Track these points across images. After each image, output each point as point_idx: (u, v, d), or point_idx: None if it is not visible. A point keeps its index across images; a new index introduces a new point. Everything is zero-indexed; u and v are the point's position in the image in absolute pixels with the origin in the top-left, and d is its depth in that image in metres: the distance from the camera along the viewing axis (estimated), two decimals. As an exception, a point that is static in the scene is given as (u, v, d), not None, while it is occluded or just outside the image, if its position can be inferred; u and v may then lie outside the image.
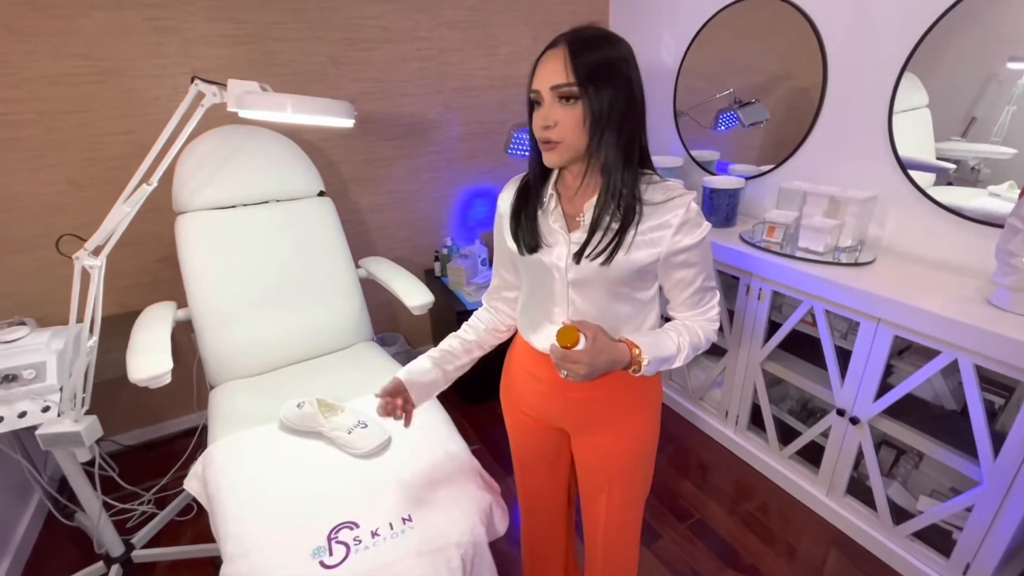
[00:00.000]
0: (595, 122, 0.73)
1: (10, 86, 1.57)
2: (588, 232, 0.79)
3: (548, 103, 0.74)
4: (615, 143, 0.75)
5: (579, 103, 0.72)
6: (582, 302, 0.84)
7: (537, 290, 0.89)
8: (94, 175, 1.71)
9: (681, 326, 0.86)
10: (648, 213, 0.78)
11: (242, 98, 1.03)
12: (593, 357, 0.74)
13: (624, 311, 0.85)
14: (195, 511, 1.74)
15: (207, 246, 1.44)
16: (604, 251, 0.78)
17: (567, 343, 0.74)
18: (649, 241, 0.78)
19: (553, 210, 0.84)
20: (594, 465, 0.98)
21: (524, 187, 0.89)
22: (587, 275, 0.81)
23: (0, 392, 1.16)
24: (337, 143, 2.05)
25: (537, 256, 0.84)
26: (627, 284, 0.82)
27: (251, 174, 1.53)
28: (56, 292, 1.72)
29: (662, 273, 0.83)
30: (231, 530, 0.94)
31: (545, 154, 0.78)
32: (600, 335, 0.77)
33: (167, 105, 1.75)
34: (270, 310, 1.49)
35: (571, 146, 0.76)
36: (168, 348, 1.20)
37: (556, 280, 0.84)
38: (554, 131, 0.74)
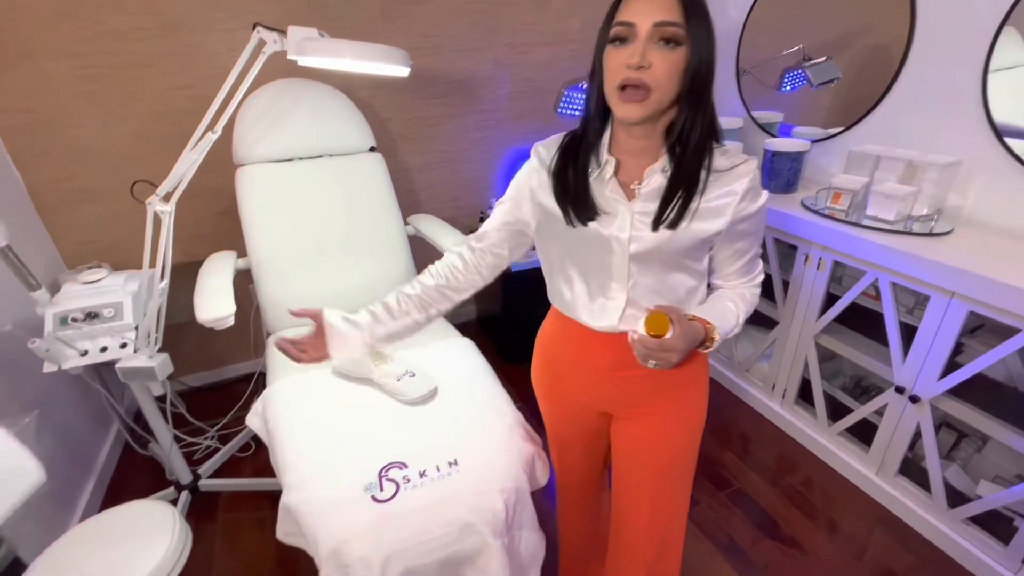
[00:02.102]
0: (696, 73, 0.65)
1: (83, 40, 1.63)
2: (661, 201, 0.72)
3: (644, 41, 0.64)
4: (703, 101, 0.68)
5: (681, 49, 0.64)
6: (641, 275, 0.78)
7: (589, 263, 0.81)
8: (159, 129, 1.78)
9: (735, 295, 0.83)
10: (712, 180, 0.72)
11: (302, 45, 1.03)
12: (681, 343, 0.69)
13: (683, 283, 0.80)
14: (253, 449, 1.86)
15: (265, 198, 1.49)
16: (671, 221, 0.72)
17: (660, 332, 0.69)
18: (714, 210, 0.73)
19: (610, 174, 0.76)
20: (642, 449, 0.91)
21: (570, 146, 0.80)
22: (650, 247, 0.75)
23: (84, 328, 1.26)
24: (387, 100, 2.05)
25: (593, 227, 0.76)
26: (688, 255, 0.77)
27: (306, 128, 1.56)
28: (128, 240, 1.83)
29: (721, 242, 0.78)
30: (290, 463, 1.00)
31: (625, 105, 0.67)
32: (681, 319, 0.71)
33: (225, 60, 1.79)
34: (323, 261, 1.54)
35: (661, 98, 0.67)
36: (231, 293, 1.26)
37: (615, 253, 0.76)
38: (648, 73, 0.64)
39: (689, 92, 0.67)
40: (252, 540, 1.54)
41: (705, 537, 1.51)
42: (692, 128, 0.70)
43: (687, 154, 0.70)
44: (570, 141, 0.80)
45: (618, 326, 0.81)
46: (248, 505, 1.65)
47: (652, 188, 0.74)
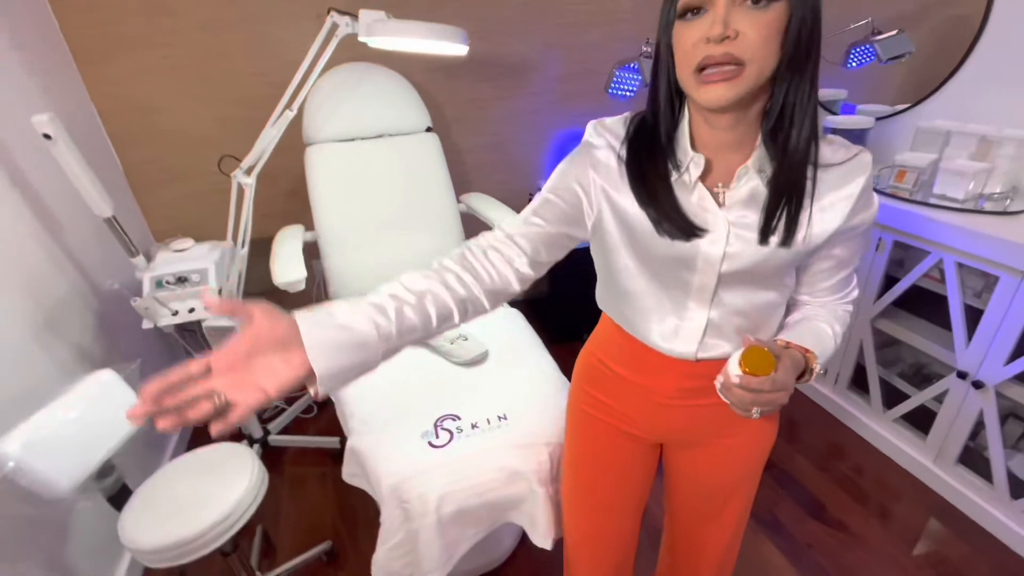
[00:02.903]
0: (796, 36, 0.50)
1: (171, 31, 1.79)
2: (766, 209, 0.58)
3: (724, 5, 0.49)
4: (811, 74, 0.53)
5: (777, 4, 0.49)
6: (728, 295, 0.65)
7: (664, 278, 0.66)
8: (236, 112, 1.93)
9: (828, 314, 0.69)
10: (824, 177, 0.58)
11: (371, 26, 1.12)
12: (787, 383, 0.58)
13: (770, 301, 0.67)
14: (315, 412, 2.01)
15: (331, 175, 1.61)
16: (783, 234, 0.59)
17: (766, 371, 0.56)
18: (825, 215, 0.59)
19: (695, 177, 0.61)
20: (704, 477, 0.81)
21: (643, 134, 0.63)
22: (747, 265, 0.61)
23: (177, 290, 1.41)
24: (442, 84, 2.12)
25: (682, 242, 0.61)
26: (784, 271, 0.65)
27: (369, 109, 1.66)
28: (207, 216, 2.00)
29: (821, 250, 0.64)
30: (355, 412, 1.10)
31: (709, 87, 0.51)
32: (778, 349, 0.60)
33: (295, 48, 1.89)
34: (382, 235, 1.65)
35: (759, 72, 0.51)
36: (302, 260, 1.38)
37: (700, 271, 0.63)
38: (737, 44, 0.49)
39: (791, 61, 0.51)
40: (315, 492, 1.68)
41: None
42: (796, 109, 0.54)
43: (791, 145, 0.55)
44: (639, 130, 0.64)
45: (696, 353, 0.68)
46: (311, 461, 1.79)
47: (745, 192, 0.59)
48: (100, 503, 1.28)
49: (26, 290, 1.24)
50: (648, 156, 0.62)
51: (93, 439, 1.06)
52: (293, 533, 1.54)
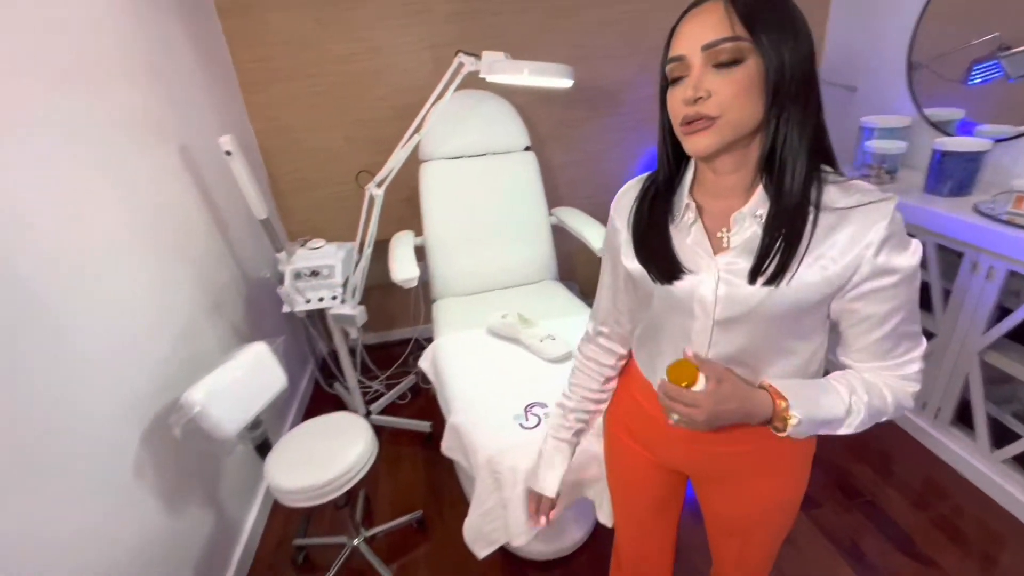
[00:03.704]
0: (774, 86, 0.54)
1: (314, 63, 2.11)
2: (758, 252, 0.59)
3: (698, 70, 0.55)
4: (800, 119, 0.55)
5: (745, 65, 0.53)
6: (727, 343, 0.65)
7: (666, 325, 0.70)
8: (361, 132, 2.22)
9: (858, 380, 0.63)
10: (826, 221, 0.57)
11: (492, 65, 1.30)
12: (716, 403, 0.59)
13: (781, 354, 0.65)
14: (409, 398, 2.23)
15: (440, 188, 1.82)
16: (770, 275, 0.58)
17: (682, 380, 0.59)
18: (829, 261, 0.58)
19: (691, 223, 0.64)
20: (723, 515, 0.83)
21: (648, 191, 0.69)
22: (741, 311, 0.62)
23: (312, 282, 1.68)
24: (538, 106, 2.29)
25: (677, 285, 0.64)
26: (790, 321, 0.62)
27: (476, 131, 1.86)
28: (335, 219, 2.30)
29: (841, 304, 0.61)
30: (456, 394, 1.27)
31: (691, 138, 0.58)
32: (730, 377, 0.62)
33: (413, 75, 2.16)
34: (480, 242, 1.83)
35: (733, 122, 0.55)
36: (415, 261, 1.60)
37: (697, 317, 0.65)
38: (708, 104, 0.55)
39: (772, 109, 0.55)
40: (408, 469, 1.88)
41: (825, 537, 1.50)
42: (786, 153, 0.56)
43: (785, 187, 0.57)
44: (649, 185, 0.70)
45: None
46: (404, 441, 2.00)
47: (745, 238, 0.61)
48: (247, 451, 1.56)
49: (199, 277, 1.55)
50: (651, 206, 0.68)
51: (249, 396, 1.32)
52: (389, 502, 1.74)
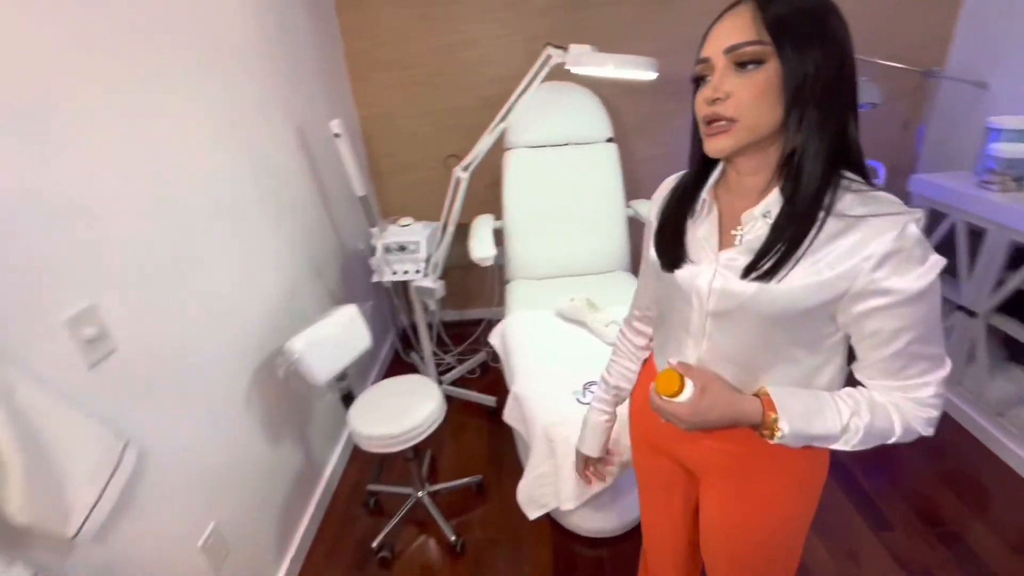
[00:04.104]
0: (793, 91, 0.55)
1: (415, 55, 2.27)
2: (759, 249, 0.60)
3: (720, 72, 0.57)
4: (819, 124, 0.56)
5: (764, 68, 0.55)
6: (722, 338, 0.67)
7: (671, 314, 0.74)
8: (450, 120, 2.35)
9: (864, 399, 0.62)
10: (834, 227, 0.57)
11: (578, 58, 1.36)
12: (698, 413, 0.61)
13: (778, 360, 0.65)
14: (478, 374, 2.36)
15: (522, 175, 1.91)
16: (762, 272, 0.59)
17: (667, 391, 0.62)
18: (827, 268, 0.57)
19: (705, 218, 0.67)
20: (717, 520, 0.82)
21: (678, 188, 0.73)
22: (732, 305, 0.63)
23: (399, 256, 1.84)
24: (626, 97, 2.30)
25: (678, 275, 0.68)
26: (788, 324, 0.62)
27: (560, 122, 1.92)
28: (423, 201, 2.45)
29: (846, 317, 0.60)
30: (521, 367, 1.36)
31: (709, 140, 0.60)
32: (714, 386, 0.63)
33: (501, 67, 2.25)
34: (557, 229, 1.90)
35: (749, 126, 0.57)
36: (493, 242, 1.70)
37: (694, 308, 0.68)
38: (725, 104, 0.57)
39: (791, 113, 0.56)
40: (471, 438, 2.00)
41: (894, 561, 1.42)
42: (804, 156, 0.57)
43: (800, 190, 0.57)
44: (678, 182, 0.74)
45: None
46: (471, 413, 2.13)
47: (753, 236, 0.62)
48: (334, 401, 1.76)
49: (304, 243, 1.75)
50: (677, 200, 0.71)
51: (340, 351, 1.49)
52: (452, 464, 1.88)
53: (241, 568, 1.27)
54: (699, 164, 0.69)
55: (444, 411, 1.49)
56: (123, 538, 0.93)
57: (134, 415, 0.97)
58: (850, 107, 0.58)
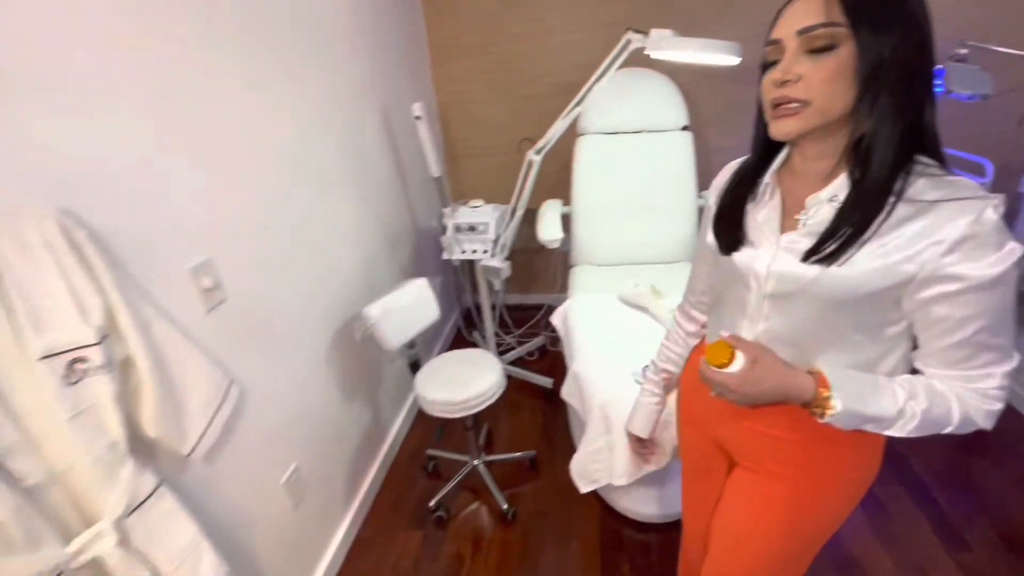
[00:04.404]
0: (868, 75, 0.54)
1: (493, 42, 2.32)
2: (823, 232, 0.59)
3: (791, 54, 0.57)
4: (892, 110, 0.54)
5: (837, 52, 0.54)
6: (780, 320, 0.67)
7: (726, 297, 0.74)
8: (523, 106, 2.39)
9: (922, 386, 0.61)
10: (905, 214, 0.56)
11: (658, 42, 1.35)
12: (748, 385, 0.61)
13: (841, 344, 0.64)
14: (537, 356, 2.41)
15: (593, 161, 1.92)
16: (824, 256, 0.59)
17: (717, 361, 0.62)
18: (895, 253, 0.56)
19: (768, 201, 0.67)
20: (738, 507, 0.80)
21: (739, 172, 0.73)
22: (791, 288, 0.63)
23: (469, 235, 1.92)
24: (706, 86, 2.23)
25: (736, 257, 0.69)
26: (850, 310, 0.61)
27: (634, 108, 1.91)
28: (493, 184, 2.51)
29: (912, 303, 0.59)
30: (582, 347, 1.40)
31: (777, 121, 0.60)
32: (766, 358, 0.62)
33: (576, 53, 2.24)
34: (624, 216, 1.90)
35: (820, 109, 0.57)
36: (560, 225, 1.74)
37: (751, 289, 0.68)
38: (796, 87, 0.57)
39: (863, 98, 0.55)
40: (526, 416, 2.07)
41: (970, 583, 1.34)
42: (875, 142, 0.56)
43: (868, 175, 0.57)
44: (740, 165, 0.73)
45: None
46: (527, 393, 2.19)
47: (818, 220, 0.61)
48: (402, 368, 1.87)
49: (381, 218, 1.87)
50: (738, 184, 0.71)
51: (410, 320, 1.59)
52: (507, 439, 1.95)
53: (315, 510, 1.41)
54: (763, 148, 0.69)
55: (504, 385, 1.56)
56: (224, 463, 1.07)
57: (236, 359, 1.10)
58: (927, 92, 0.57)
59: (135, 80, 0.88)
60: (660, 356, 0.96)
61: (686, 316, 0.91)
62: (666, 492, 1.44)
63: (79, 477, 0.73)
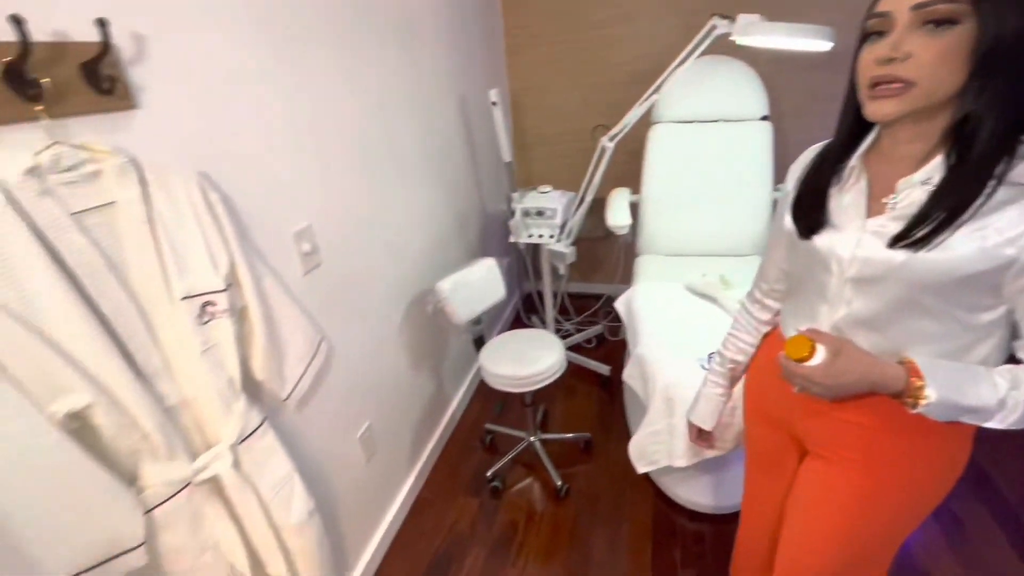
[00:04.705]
0: (984, 57, 0.51)
1: (569, 30, 2.33)
2: (915, 215, 0.58)
3: (901, 29, 0.54)
4: (1004, 96, 0.53)
5: (955, 29, 0.52)
6: (863, 305, 0.65)
7: (804, 282, 0.73)
8: (595, 95, 2.40)
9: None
10: (1005, 197, 0.54)
11: (746, 27, 1.33)
12: (832, 376, 0.61)
13: (929, 331, 0.62)
14: (594, 344, 2.43)
15: (666, 151, 1.91)
16: (912, 241, 0.57)
17: (797, 355, 0.62)
18: (991, 237, 0.55)
19: (853, 184, 0.66)
20: (824, 500, 0.77)
21: (822, 153, 0.71)
22: (876, 272, 0.61)
23: (536, 220, 1.97)
24: (790, 75, 2.14)
25: (816, 240, 0.67)
26: (943, 294, 0.59)
27: (712, 97, 1.88)
28: (560, 171, 2.56)
29: (1014, 288, 0.57)
30: (648, 330, 1.41)
31: (876, 102, 0.58)
32: (848, 349, 0.62)
33: (655, 41, 2.22)
34: (694, 206, 1.88)
35: (926, 91, 0.54)
36: (629, 212, 1.75)
37: (832, 273, 0.66)
38: (904, 65, 0.54)
39: (978, 79, 0.52)
40: (582, 400, 2.10)
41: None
42: (980, 127, 0.54)
43: (971, 159, 0.55)
44: (826, 147, 0.71)
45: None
46: (584, 379, 2.22)
47: (908, 204, 0.60)
48: (466, 343, 1.96)
49: (453, 198, 1.95)
50: (820, 168, 0.69)
51: (478, 297, 1.66)
52: (562, 421, 2.00)
53: (382, 467, 1.51)
54: (851, 130, 0.66)
55: (565, 365, 1.60)
56: (311, 413, 1.18)
57: (325, 320, 1.20)
58: None
59: (258, 73, 0.99)
60: (728, 346, 0.94)
61: (758, 304, 0.89)
62: (724, 483, 1.44)
63: (203, 405, 0.84)
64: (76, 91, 0.67)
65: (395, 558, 1.51)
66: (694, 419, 1.00)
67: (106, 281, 0.70)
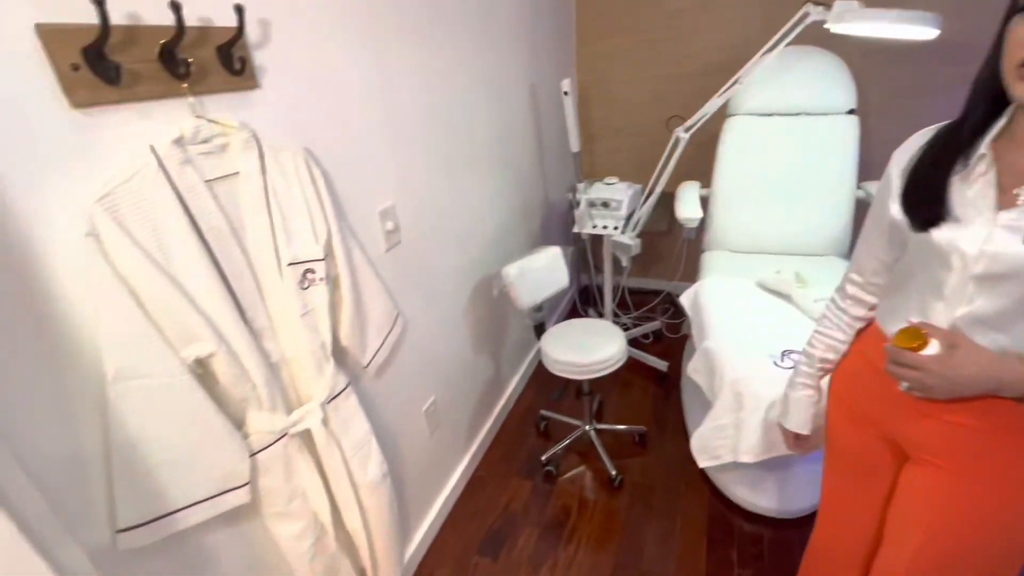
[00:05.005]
0: None
1: (645, 20, 2.29)
2: None
3: None
4: None
5: None
6: (986, 304, 0.61)
7: (915, 277, 0.68)
8: (663, 87, 2.35)
9: None
10: None
11: (841, 14, 1.27)
12: (949, 369, 0.58)
13: None
14: (651, 340, 2.41)
15: (740, 144, 1.85)
16: None
17: (909, 344, 0.60)
18: None
19: (982, 175, 0.61)
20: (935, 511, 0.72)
21: (940, 138, 0.66)
22: (1008, 270, 0.58)
23: (602, 211, 1.96)
24: (882, 67, 2.03)
25: (935, 234, 0.63)
26: None
27: (794, 90, 1.80)
28: (627, 164, 2.53)
29: None
30: (716, 323, 1.39)
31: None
32: (966, 344, 0.59)
33: (732, 32, 2.15)
34: (770, 204, 1.82)
35: None
36: (699, 205, 1.72)
37: (953, 269, 0.62)
38: None
39: None
40: (638, 395, 2.09)
41: None
42: None
43: None
44: (943, 132, 0.67)
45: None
46: (640, 374, 2.20)
47: None
48: (526, 329, 1.99)
49: (519, 186, 1.98)
50: (937, 154, 0.64)
51: (542, 284, 1.69)
52: (616, 413, 2.00)
53: (444, 441, 1.58)
54: (983, 114, 0.62)
55: (626, 356, 1.60)
56: (385, 382, 1.25)
57: (401, 296, 1.27)
58: None
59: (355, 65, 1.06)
60: (816, 344, 0.89)
61: (852, 299, 0.84)
62: (787, 486, 1.40)
63: (299, 364, 0.92)
64: (213, 71, 0.75)
65: (450, 532, 1.57)
66: (790, 426, 0.94)
67: (230, 244, 0.77)
